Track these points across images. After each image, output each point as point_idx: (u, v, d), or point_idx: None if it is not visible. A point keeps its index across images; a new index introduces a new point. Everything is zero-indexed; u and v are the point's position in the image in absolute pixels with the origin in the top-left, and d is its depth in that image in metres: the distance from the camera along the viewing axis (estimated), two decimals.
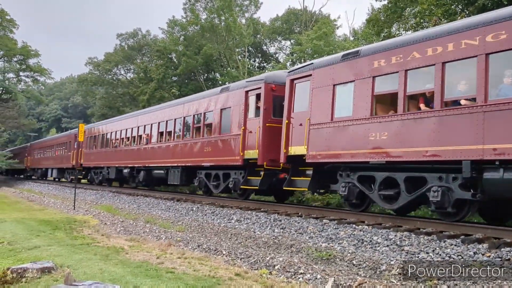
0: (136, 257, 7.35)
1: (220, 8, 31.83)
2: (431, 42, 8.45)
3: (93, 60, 49.16)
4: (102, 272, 6.12)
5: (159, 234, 10.34)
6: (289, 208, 12.41)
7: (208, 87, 32.86)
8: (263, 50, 42.17)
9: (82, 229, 10.96)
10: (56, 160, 35.67)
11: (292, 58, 30.35)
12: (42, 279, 5.69)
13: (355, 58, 10.06)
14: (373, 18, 18.10)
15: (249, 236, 9.68)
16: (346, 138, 9.96)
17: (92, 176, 28.84)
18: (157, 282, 5.59)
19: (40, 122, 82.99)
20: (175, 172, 17.83)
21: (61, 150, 34.40)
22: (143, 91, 38.35)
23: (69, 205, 17.24)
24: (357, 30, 31.28)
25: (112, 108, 45.02)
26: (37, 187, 32.61)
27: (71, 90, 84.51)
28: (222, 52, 33.79)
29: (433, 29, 9.28)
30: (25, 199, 21.61)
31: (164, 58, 37.33)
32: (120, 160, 23.24)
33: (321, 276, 6.18)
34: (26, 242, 8.81)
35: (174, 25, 36.99)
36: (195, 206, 14.71)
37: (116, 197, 20.31)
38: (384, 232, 8.46)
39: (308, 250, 7.93)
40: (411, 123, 8.62)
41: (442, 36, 8.29)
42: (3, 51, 41.90)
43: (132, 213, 14.87)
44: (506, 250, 6.64)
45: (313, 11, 37.30)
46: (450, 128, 7.96)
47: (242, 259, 7.56)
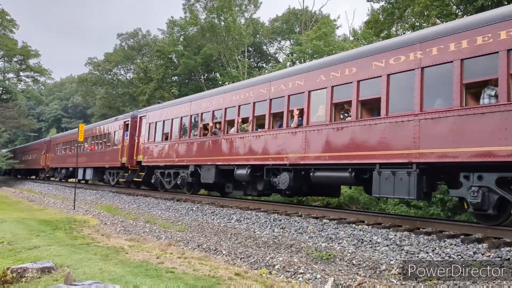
0: (136, 257, 7.35)
1: (219, 8, 31.84)
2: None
3: (93, 60, 49.24)
4: (102, 272, 6.12)
5: (159, 234, 10.34)
6: (289, 208, 12.42)
7: (208, 87, 32.87)
8: (263, 50, 42.18)
9: (82, 229, 10.96)
10: (93, 157, 27.29)
11: (292, 58, 30.36)
12: (42, 279, 5.69)
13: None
14: (371, 20, 18.13)
15: (249, 236, 9.69)
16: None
17: (159, 179, 19.56)
18: (157, 282, 5.59)
19: (40, 122, 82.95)
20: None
21: (101, 144, 26.44)
22: (143, 91, 38.38)
23: (69, 205, 17.24)
24: (356, 30, 31.25)
25: (112, 108, 45.05)
26: (37, 187, 32.62)
27: (71, 90, 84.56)
28: (221, 52, 33.79)
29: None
30: (25, 199, 21.60)
31: (164, 58, 37.35)
32: (229, 155, 14.29)
33: (321, 275, 6.18)
34: (26, 242, 8.81)
35: (174, 25, 37.01)
36: (195, 206, 14.71)
37: (116, 197, 20.31)
38: (384, 232, 8.46)
39: (308, 250, 7.93)
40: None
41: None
42: (3, 51, 41.93)
43: (132, 213, 14.88)
44: (506, 250, 6.65)
45: (313, 11, 37.32)
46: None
47: (242, 259, 7.57)
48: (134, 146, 21.60)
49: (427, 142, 8.24)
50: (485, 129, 7.39)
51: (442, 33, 8.30)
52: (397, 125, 8.82)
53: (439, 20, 14.96)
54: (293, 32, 38.53)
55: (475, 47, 7.68)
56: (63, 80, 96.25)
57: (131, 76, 47.38)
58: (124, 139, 22.66)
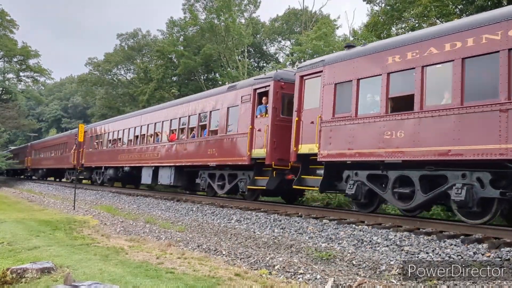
0: (136, 257, 7.35)
1: (219, 8, 31.84)
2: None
3: (93, 60, 49.25)
4: (102, 272, 6.11)
5: (159, 234, 10.34)
6: (289, 208, 12.41)
7: (208, 87, 32.86)
8: (263, 50, 42.19)
9: (82, 229, 10.96)
10: (180, 150, 17.54)
11: (292, 58, 30.36)
12: (42, 279, 5.69)
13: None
14: (371, 22, 18.16)
15: (249, 236, 9.68)
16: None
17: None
18: (156, 282, 5.58)
19: (40, 122, 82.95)
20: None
21: (196, 130, 16.70)
22: (143, 91, 38.37)
23: (69, 205, 17.23)
24: (356, 30, 31.26)
25: (112, 108, 45.01)
26: (37, 187, 32.61)
27: (71, 90, 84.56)
28: (221, 52, 33.80)
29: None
30: (25, 200, 21.60)
31: (164, 58, 37.35)
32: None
33: (321, 276, 6.18)
34: (26, 242, 8.81)
35: (174, 26, 37.02)
36: (195, 206, 14.71)
37: (116, 197, 20.31)
38: (384, 232, 8.45)
39: (308, 250, 7.93)
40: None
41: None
42: (3, 51, 41.92)
43: (132, 213, 14.87)
44: (506, 250, 6.64)
45: (313, 11, 37.33)
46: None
47: (242, 259, 7.56)
48: (294, 127, 11.60)
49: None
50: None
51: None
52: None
53: (439, 21, 14.98)
54: (293, 32, 38.53)
55: None
56: (63, 80, 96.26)
57: (131, 76, 47.40)
58: (256, 117, 13.29)
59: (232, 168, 14.44)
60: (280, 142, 12.30)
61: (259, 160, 12.89)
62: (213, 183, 15.43)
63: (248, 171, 13.63)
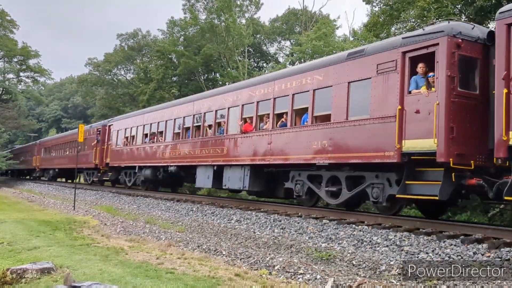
0: (136, 258, 7.35)
1: (219, 9, 31.84)
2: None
3: (93, 60, 49.20)
4: (102, 272, 6.12)
5: (159, 235, 10.34)
6: (289, 208, 12.41)
7: (208, 87, 32.87)
8: (263, 51, 42.18)
9: (82, 229, 10.96)
10: (262, 143, 13.98)
11: (292, 58, 30.36)
12: (42, 279, 5.69)
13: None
14: (370, 22, 18.14)
15: (249, 236, 9.69)
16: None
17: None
18: (156, 283, 5.59)
19: (40, 123, 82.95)
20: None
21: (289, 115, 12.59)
22: (143, 91, 38.35)
23: (69, 205, 17.23)
24: (356, 30, 31.27)
25: (112, 109, 44.98)
26: (37, 187, 32.61)
27: (71, 91, 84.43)
28: (221, 52, 33.80)
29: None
30: (25, 200, 21.60)
31: (164, 59, 37.34)
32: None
33: (320, 276, 6.18)
34: (26, 242, 8.81)
35: (174, 26, 37.02)
36: (195, 206, 14.71)
37: (116, 197, 20.31)
38: (384, 232, 8.46)
39: (308, 250, 7.94)
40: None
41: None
42: (3, 51, 41.89)
43: (132, 214, 14.88)
44: (506, 250, 6.65)
45: (313, 12, 37.33)
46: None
47: (242, 260, 7.57)
48: (504, 104, 8.14)
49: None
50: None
51: None
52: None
53: (438, 21, 14.95)
54: (293, 32, 38.53)
55: None
56: (63, 80, 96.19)
57: (131, 76, 47.36)
58: (409, 93, 9.24)
59: (354, 168, 10.43)
60: (459, 130, 8.21)
61: (417, 157, 8.73)
62: (319, 189, 11.39)
63: (386, 172, 9.54)
